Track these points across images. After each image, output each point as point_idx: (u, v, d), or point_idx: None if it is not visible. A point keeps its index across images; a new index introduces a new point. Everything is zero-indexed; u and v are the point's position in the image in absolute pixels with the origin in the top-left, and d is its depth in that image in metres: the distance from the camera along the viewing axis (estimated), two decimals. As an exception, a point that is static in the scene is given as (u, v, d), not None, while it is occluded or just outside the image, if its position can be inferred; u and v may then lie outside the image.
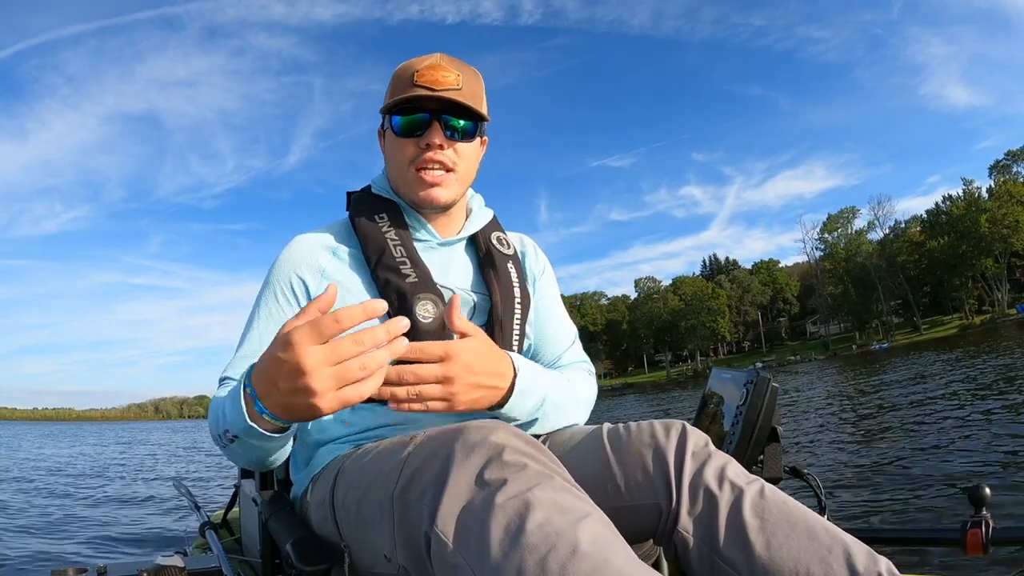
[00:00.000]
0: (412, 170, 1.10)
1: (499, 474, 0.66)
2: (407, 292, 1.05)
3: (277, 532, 1.06)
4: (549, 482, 0.66)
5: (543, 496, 0.63)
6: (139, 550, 4.67)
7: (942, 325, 64.67)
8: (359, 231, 1.12)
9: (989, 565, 2.54)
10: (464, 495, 0.66)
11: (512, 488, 0.64)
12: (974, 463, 5.04)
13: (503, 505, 0.63)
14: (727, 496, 0.85)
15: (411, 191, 1.11)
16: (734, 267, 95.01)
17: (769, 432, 1.20)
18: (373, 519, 0.81)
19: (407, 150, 1.09)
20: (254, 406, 0.80)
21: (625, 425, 1.00)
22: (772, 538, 0.80)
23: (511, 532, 0.61)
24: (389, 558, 0.78)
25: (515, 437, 0.72)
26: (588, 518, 0.62)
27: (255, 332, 1.09)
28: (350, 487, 0.90)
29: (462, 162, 1.12)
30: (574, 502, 0.65)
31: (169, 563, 1.21)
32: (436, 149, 1.08)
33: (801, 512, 0.82)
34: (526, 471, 0.67)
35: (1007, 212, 58.55)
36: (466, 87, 1.08)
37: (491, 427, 0.73)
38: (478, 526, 0.63)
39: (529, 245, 1.33)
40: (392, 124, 1.10)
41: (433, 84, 1.05)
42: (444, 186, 1.10)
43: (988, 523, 1.07)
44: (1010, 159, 65.32)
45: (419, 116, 1.07)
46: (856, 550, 0.77)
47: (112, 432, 45.88)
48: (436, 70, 1.06)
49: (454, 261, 1.17)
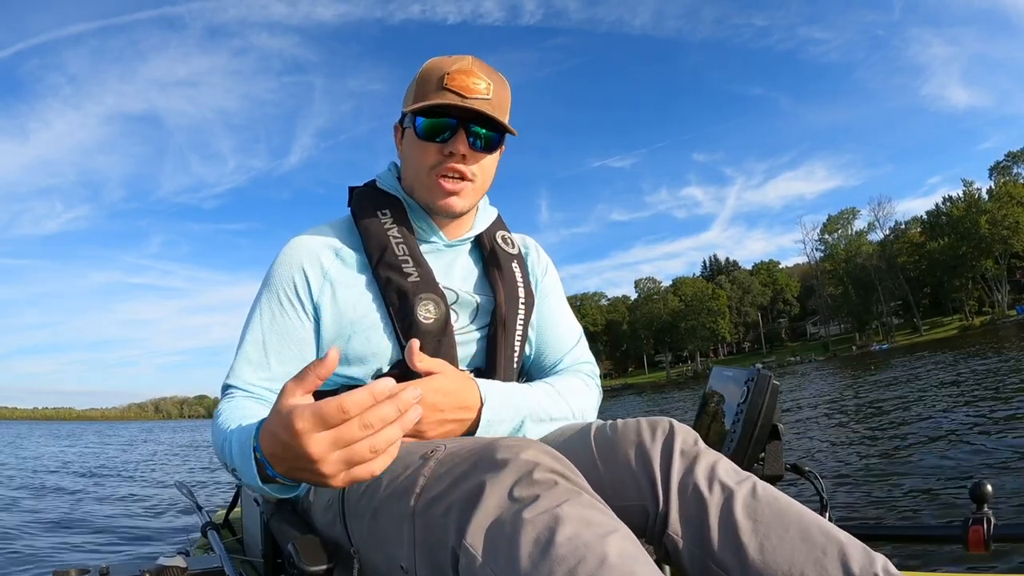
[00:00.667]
0: (432, 176, 1.07)
1: (530, 491, 0.66)
2: (408, 292, 1.04)
3: (279, 532, 1.06)
4: (577, 498, 0.67)
5: (572, 511, 0.64)
6: (141, 550, 4.66)
7: (942, 326, 64.62)
8: (361, 228, 1.10)
9: (991, 562, 2.53)
10: (494, 511, 0.66)
11: (542, 504, 0.65)
12: (975, 460, 5.03)
13: (533, 520, 0.63)
14: (717, 496, 0.84)
15: (429, 196, 1.09)
16: (734, 268, 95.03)
17: (770, 430, 1.20)
18: (390, 529, 0.80)
19: (429, 155, 1.07)
20: (266, 469, 0.77)
21: (612, 423, 1.00)
22: (765, 540, 0.79)
23: (541, 545, 0.61)
24: (406, 569, 0.76)
25: (544, 455, 0.72)
26: (615, 533, 0.63)
27: (257, 334, 1.07)
28: (363, 493, 0.88)
29: (481, 174, 1.10)
30: (602, 518, 0.65)
31: (171, 563, 1.20)
32: (459, 159, 1.06)
33: (795, 511, 0.81)
34: (556, 488, 0.67)
35: (1007, 213, 58.56)
36: (495, 97, 1.05)
37: (521, 445, 0.73)
38: (508, 540, 0.63)
39: (531, 246, 1.32)
40: (415, 125, 1.07)
41: (464, 91, 1.02)
42: (462, 196, 1.09)
43: (990, 520, 1.07)
44: (1010, 160, 65.31)
45: (445, 121, 1.05)
46: (851, 549, 0.76)
47: (112, 432, 45.83)
48: (467, 76, 1.03)
49: (458, 261, 1.16)
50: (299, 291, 1.07)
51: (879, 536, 1.22)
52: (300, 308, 1.07)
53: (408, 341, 0.99)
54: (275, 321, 1.07)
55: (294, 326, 1.07)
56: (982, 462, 4.95)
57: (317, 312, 1.07)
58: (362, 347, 1.05)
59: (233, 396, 1.03)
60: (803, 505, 0.84)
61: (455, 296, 1.10)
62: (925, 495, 4.24)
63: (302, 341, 1.07)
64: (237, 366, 1.05)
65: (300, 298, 1.07)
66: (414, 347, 0.93)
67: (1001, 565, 2.47)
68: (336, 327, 1.07)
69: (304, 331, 1.07)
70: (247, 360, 1.05)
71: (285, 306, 1.07)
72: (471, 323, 1.12)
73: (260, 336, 1.06)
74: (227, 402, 1.01)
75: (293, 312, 1.07)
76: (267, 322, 1.07)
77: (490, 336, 1.12)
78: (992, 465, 4.81)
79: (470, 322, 1.12)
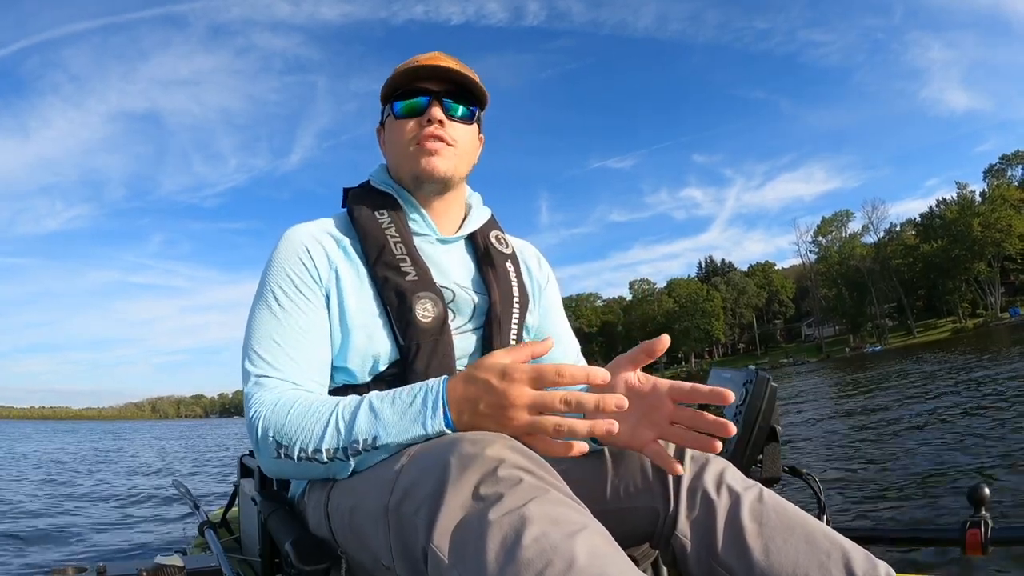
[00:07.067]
0: (413, 144, 1.11)
1: (494, 489, 0.65)
2: (407, 291, 1.04)
3: (276, 531, 1.06)
4: (544, 496, 0.65)
5: (538, 511, 0.62)
6: (138, 549, 4.65)
7: (936, 328, 64.87)
8: (358, 226, 1.10)
9: (989, 565, 2.54)
10: (459, 511, 0.66)
11: (507, 503, 0.63)
12: (972, 463, 5.05)
13: (498, 521, 0.62)
14: (725, 501, 0.85)
15: (412, 165, 1.12)
16: (730, 269, 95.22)
17: (768, 432, 1.20)
18: (367, 528, 0.80)
19: (408, 129, 1.12)
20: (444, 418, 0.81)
21: None
22: (770, 543, 0.80)
23: (507, 547, 0.60)
24: (388, 567, 0.77)
25: (510, 450, 0.71)
26: (584, 530, 0.61)
27: (277, 317, 1.01)
28: (344, 493, 0.89)
29: (461, 140, 1.14)
30: (570, 514, 0.64)
31: (168, 562, 1.20)
32: (436, 124, 1.10)
33: (800, 517, 0.83)
34: (521, 485, 0.66)
35: (1000, 216, 58.83)
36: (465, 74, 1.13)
37: (486, 440, 0.72)
38: (474, 542, 0.62)
39: (532, 255, 1.32)
40: (393, 109, 1.14)
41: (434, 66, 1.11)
42: (443, 155, 1.11)
43: (987, 523, 1.07)
44: (1004, 163, 65.66)
45: (420, 99, 1.12)
46: (855, 555, 0.77)
47: (110, 431, 45.68)
48: (436, 59, 1.12)
49: (453, 260, 1.17)
50: (308, 276, 1.05)
51: (876, 539, 1.22)
52: (311, 294, 1.04)
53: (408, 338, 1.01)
54: (298, 307, 1.03)
55: (306, 315, 1.03)
56: (979, 465, 4.97)
57: (327, 299, 1.05)
58: (363, 344, 1.04)
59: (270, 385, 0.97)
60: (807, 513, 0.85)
61: (452, 294, 1.10)
62: (922, 498, 4.26)
63: (315, 331, 1.03)
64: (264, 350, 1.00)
65: (308, 285, 1.04)
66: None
67: (999, 568, 2.48)
68: (340, 319, 1.05)
69: (317, 320, 1.04)
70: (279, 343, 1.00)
71: (293, 296, 1.03)
72: (468, 321, 1.12)
73: (281, 322, 1.01)
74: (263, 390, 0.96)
75: (303, 300, 1.03)
76: (289, 308, 1.02)
77: (485, 335, 1.12)
78: (989, 468, 4.83)
79: (467, 320, 1.12)
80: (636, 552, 0.97)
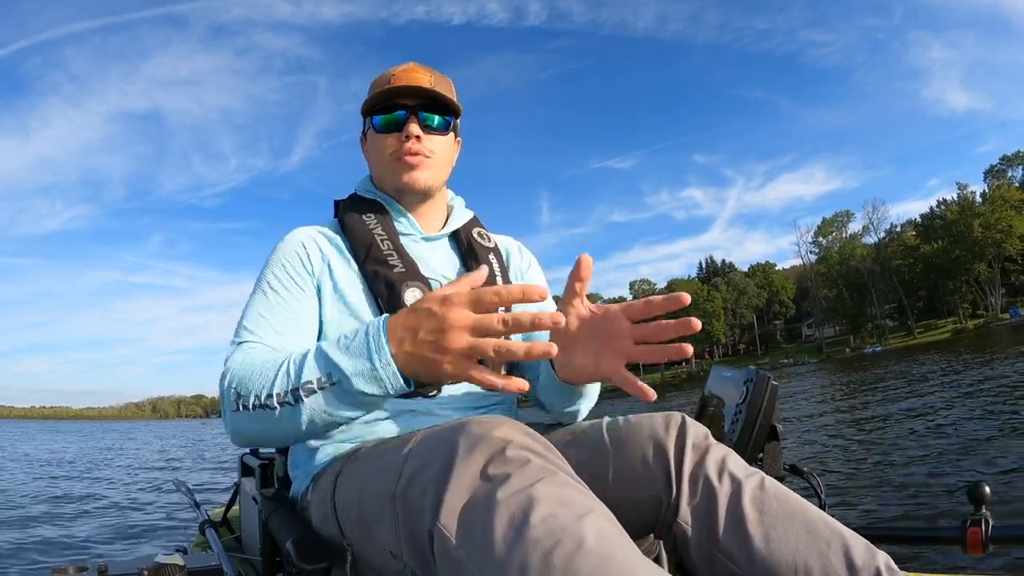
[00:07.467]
0: (394, 159, 1.17)
1: (502, 470, 0.66)
2: (395, 281, 1.09)
3: (277, 530, 1.06)
4: (552, 477, 0.66)
5: (546, 491, 0.63)
6: (139, 548, 4.66)
7: (936, 329, 64.83)
8: (347, 229, 1.16)
9: (989, 563, 2.54)
10: (467, 491, 0.66)
11: (515, 483, 0.64)
12: (972, 461, 5.06)
13: (506, 500, 0.62)
14: (726, 488, 0.86)
15: (394, 178, 1.18)
16: (731, 270, 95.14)
17: (769, 430, 1.20)
18: (375, 517, 0.80)
19: (388, 144, 1.17)
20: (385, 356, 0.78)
21: (625, 418, 1.01)
22: (771, 531, 0.80)
23: (515, 527, 0.60)
24: (395, 555, 0.78)
25: (518, 432, 0.72)
26: (592, 513, 0.62)
27: (268, 299, 1.07)
28: (351, 485, 0.90)
29: (438, 151, 1.19)
30: (578, 497, 0.64)
31: (169, 561, 1.20)
32: (414, 140, 1.15)
33: (801, 506, 0.83)
34: (529, 466, 0.66)
35: (1000, 217, 58.81)
36: (438, 86, 1.17)
37: (495, 422, 0.73)
38: (481, 522, 0.62)
39: (514, 246, 1.36)
40: (373, 123, 1.19)
41: (408, 83, 1.15)
42: (422, 168, 1.17)
43: (988, 521, 1.08)
44: (1004, 164, 65.59)
45: (397, 113, 1.16)
46: (855, 544, 0.78)
47: (110, 431, 45.73)
48: (410, 72, 1.17)
49: (438, 255, 1.21)
50: (302, 267, 1.12)
51: (877, 536, 1.22)
52: (304, 283, 1.10)
53: None
54: (291, 291, 1.09)
55: (297, 300, 1.09)
56: (979, 463, 4.97)
57: (319, 290, 1.11)
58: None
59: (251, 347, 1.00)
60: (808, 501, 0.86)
61: (438, 285, 1.14)
62: (922, 496, 4.26)
63: (304, 315, 1.08)
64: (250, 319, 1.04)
65: (301, 275, 1.11)
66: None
67: (999, 566, 2.48)
68: (333, 309, 1.10)
69: (308, 306, 1.09)
70: (263, 314, 1.05)
71: (287, 283, 1.09)
72: None
73: (274, 300, 1.07)
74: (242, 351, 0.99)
75: (296, 287, 1.09)
76: (284, 289, 1.09)
77: None
78: (990, 466, 4.83)
79: None
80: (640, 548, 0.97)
